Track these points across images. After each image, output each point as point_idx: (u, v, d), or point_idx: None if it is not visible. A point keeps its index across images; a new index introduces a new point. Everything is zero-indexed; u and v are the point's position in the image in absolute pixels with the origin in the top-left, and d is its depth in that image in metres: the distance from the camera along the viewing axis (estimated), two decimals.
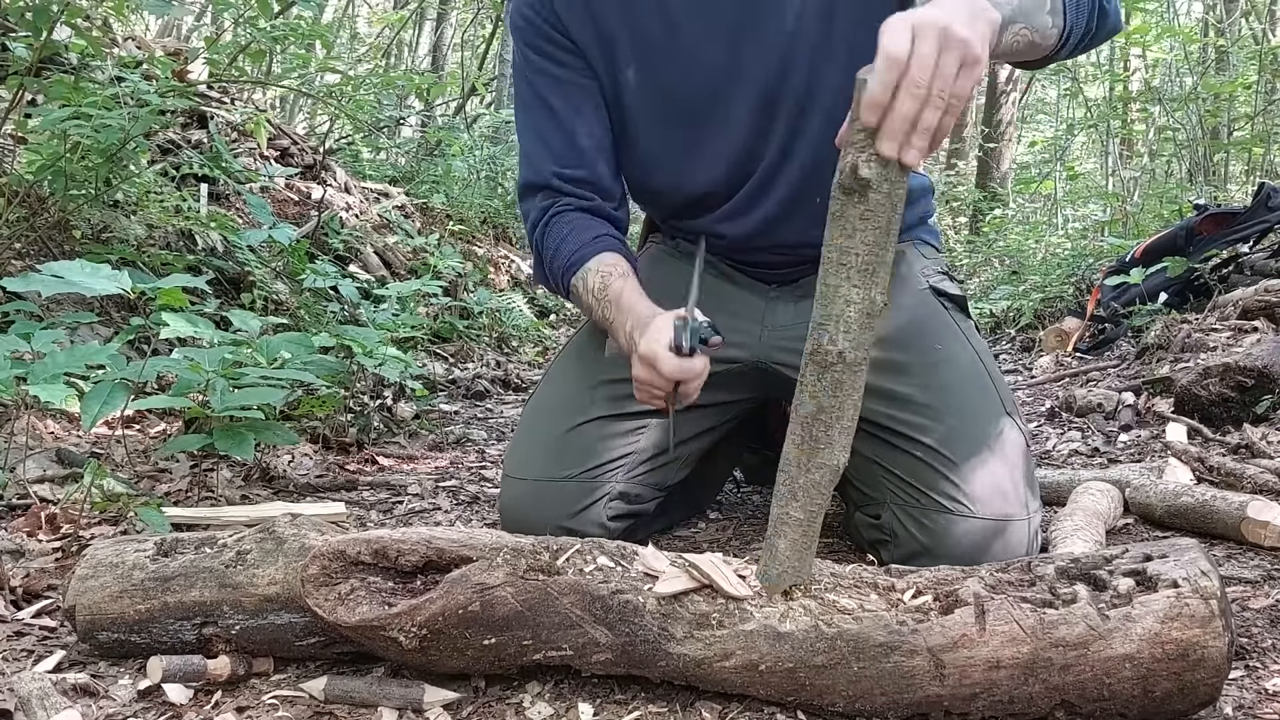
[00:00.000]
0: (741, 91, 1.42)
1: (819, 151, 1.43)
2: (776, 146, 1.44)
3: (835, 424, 0.96)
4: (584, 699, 1.04)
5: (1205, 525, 1.53)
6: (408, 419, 2.76)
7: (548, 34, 1.46)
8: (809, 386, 0.96)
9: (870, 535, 1.48)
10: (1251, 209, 3.67)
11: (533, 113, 1.50)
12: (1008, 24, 1.06)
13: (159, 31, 7.47)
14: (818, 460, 0.97)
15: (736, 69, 1.41)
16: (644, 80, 1.45)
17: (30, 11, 2.48)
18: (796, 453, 0.98)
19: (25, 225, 2.53)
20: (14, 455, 1.76)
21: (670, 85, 1.44)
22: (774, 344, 1.53)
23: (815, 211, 1.48)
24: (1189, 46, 7.65)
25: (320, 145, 5.06)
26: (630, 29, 1.43)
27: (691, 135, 1.46)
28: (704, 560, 1.02)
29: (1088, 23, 1.24)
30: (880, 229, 0.91)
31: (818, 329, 0.95)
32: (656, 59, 1.43)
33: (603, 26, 1.44)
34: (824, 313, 0.94)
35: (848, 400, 0.96)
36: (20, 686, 1.03)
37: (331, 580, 1.06)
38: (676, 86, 1.43)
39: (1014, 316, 5.33)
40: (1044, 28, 1.16)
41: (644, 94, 1.46)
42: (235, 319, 2.07)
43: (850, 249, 0.92)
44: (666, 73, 1.43)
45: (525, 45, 1.48)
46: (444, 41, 10.89)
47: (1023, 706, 0.94)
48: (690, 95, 1.43)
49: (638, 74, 1.45)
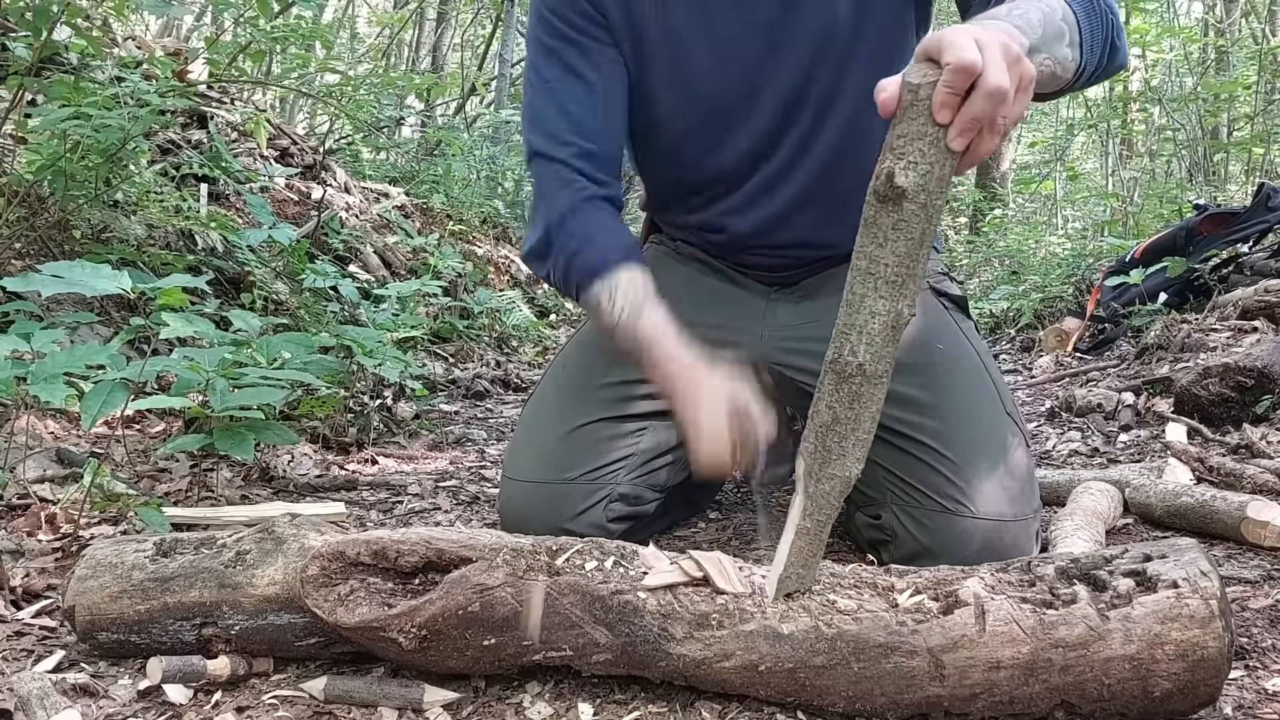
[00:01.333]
0: (770, 89, 1.42)
1: (831, 153, 1.44)
2: (792, 145, 1.44)
3: (850, 435, 0.94)
4: (584, 699, 1.04)
5: (1205, 525, 1.53)
6: (408, 419, 2.76)
7: (581, 6, 1.42)
8: (826, 396, 0.94)
9: (870, 535, 1.48)
10: (1251, 209, 3.67)
11: (554, 81, 1.44)
12: (1033, 52, 1.06)
13: (159, 31, 7.47)
14: (829, 471, 0.95)
15: (769, 66, 1.41)
16: (672, 69, 1.44)
17: (30, 11, 2.48)
18: (809, 461, 0.96)
19: (25, 225, 2.52)
20: (14, 455, 1.76)
21: (699, 77, 1.43)
22: (775, 345, 1.53)
23: (819, 214, 1.49)
24: (1189, 46, 7.65)
25: (320, 145, 5.06)
26: (663, 15, 1.42)
27: (711, 127, 1.46)
28: (706, 557, 1.02)
29: (1099, 58, 1.23)
30: (913, 240, 0.88)
31: (839, 338, 0.92)
32: (689, 49, 1.42)
33: (636, 9, 1.42)
34: (847, 322, 0.92)
35: (865, 412, 0.93)
36: (20, 686, 1.03)
37: (331, 581, 1.06)
38: (706, 78, 1.43)
39: (1014, 316, 5.33)
40: (1065, 60, 1.16)
41: (670, 82, 1.45)
42: (235, 319, 2.07)
43: (880, 258, 0.89)
44: (698, 64, 1.42)
45: (553, 14, 1.43)
46: (444, 41, 10.90)
47: (1023, 707, 0.94)
48: (719, 88, 1.43)
49: (667, 62, 1.44)
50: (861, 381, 0.92)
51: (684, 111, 1.46)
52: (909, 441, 1.40)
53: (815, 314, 1.52)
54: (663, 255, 1.65)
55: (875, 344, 0.91)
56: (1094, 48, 1.21)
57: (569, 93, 1.43)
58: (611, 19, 1.43)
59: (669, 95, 1.46)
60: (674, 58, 1.43)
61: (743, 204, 1.50)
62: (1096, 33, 1.20)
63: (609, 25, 1.43)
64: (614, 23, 1.43)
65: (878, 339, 0.91)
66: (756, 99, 1.43)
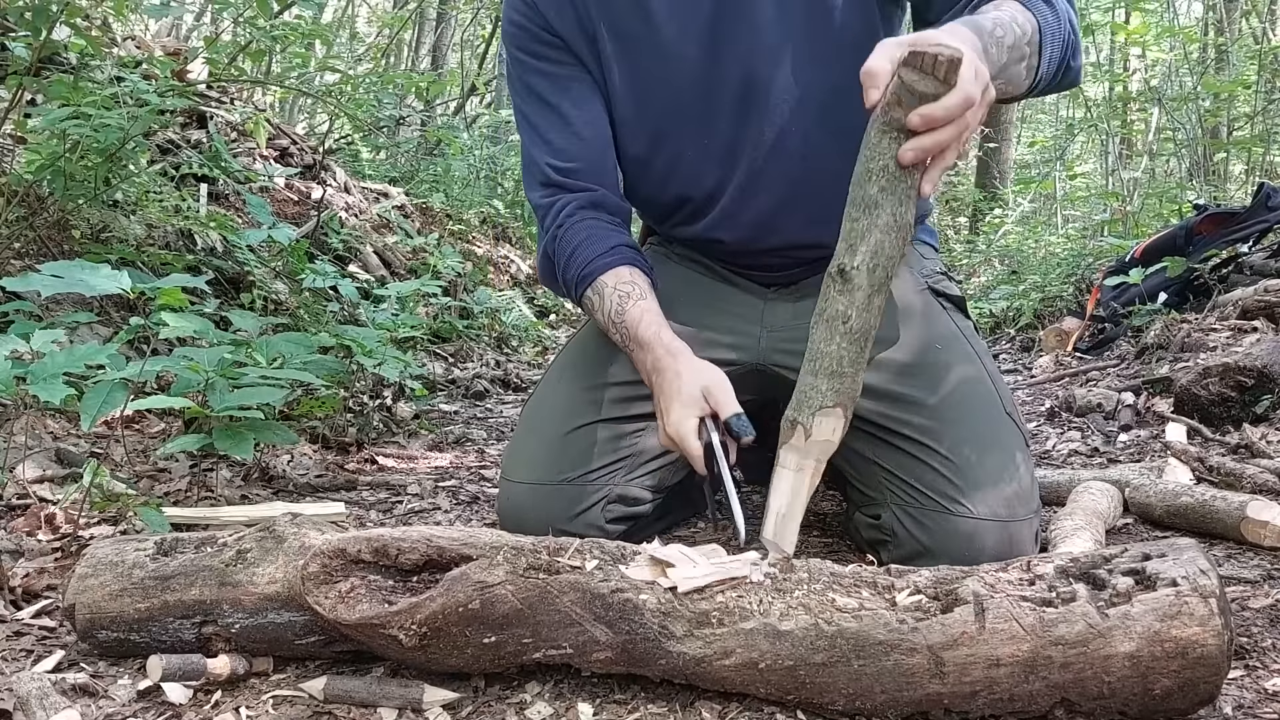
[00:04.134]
0: (721, 90, 1.43)
1: (811, 148, 1.43)
2: (764, 145, 1.44)
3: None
4: (584, 699, 1.04)
5: (1205, 525, 1.53)
6: (407, 419, 2.76)
7: (537, 35, 1.48)
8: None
9: (870, 535, 1.47)
10: (1251, 209, 3.67)
11: (530, 113, 1.52)
12: (993, 79, 1.12)
13: (159, 31, 7.47)
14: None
15: (714, 67, 1.42)
16: (627, 79, 1.47)
17: (30, 11, 2.48)
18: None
19: (25, 225, 2.52)
20: (14, 455, 1.76)
21: (651, 84, 1.45)
22: (773, 345, 1.53)
23: (805, 214, 1.49)
24: (1189, 46, 7.65)
25: (320, 145, 5.06)
26: (612, 27, 1.45)
27: (674, 134, 1.47)
28: (662, 550, 1.04)
29: (1053, 77, 1.30)
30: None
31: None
32: (638, 58, 1.45)
33: (586, 24, 1.46)
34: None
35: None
36: (20, 686, 1.03)
37: (332, 578, 1.06)
38: (657, 85, 1.45)
39: (1014, 316, 5.33)
40: (1017, 80, 1.24)
41: (628, 93, 1.47)
42: (235, 319, 2.07)
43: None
44: (647, 72, 1.45)
45: (518, 49, 1.51)
46: (444, 41, 10.89)
47: (1023, 704, 0.94)
48: (671, 94, 1.45)
49: (621, 73, 1.47)
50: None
51: (645, 116, 1.48)
52: (908, 442, 1.40)
53: (812, 314, 1.52)
54: (660, 258, 1.65)
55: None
56: (1050, 65, 1.28)
57: (546, 123, 1.50)
58: (566, 37, 1.47)
59: (629, 100, 1.48)
60: (625, 61, 1.46)
61: (729, 213, 1.51)
62: (1054, 54, 1.27)
63: (566, 44, 1.48)
64: (569, 39, 1.47)
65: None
66: (708, 103, 1.44)
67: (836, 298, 1.09)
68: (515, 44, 1.51)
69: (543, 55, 1.49)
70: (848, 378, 1.08)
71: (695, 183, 1.50)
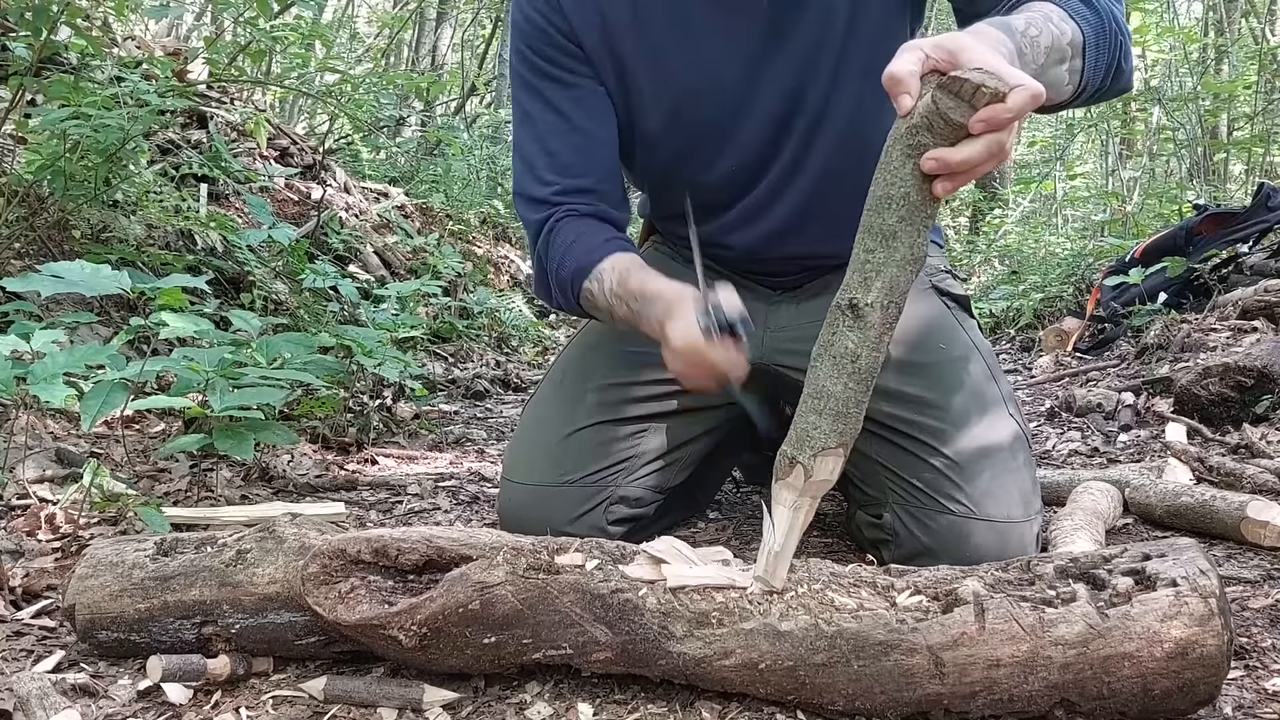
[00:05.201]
0: (757, 108, 1.41)
1: (830, 164, 1.42)
2: (787, 159, 1.43)
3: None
4: (584, 699, 1.04)
5: (1205, 525, 1.53)
6: (407, 419, 2.76)
7: (555, 39, 1.40)
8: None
9: (872, 535, 1.47)
10: (1251, 209, 3.68)
11: (537, 119, 1.44)
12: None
13: (159, 31, 7.47)
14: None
15: (754, 87, 1.39)
16: (656, 93, 1.42)
17: (30, 11, 2.48)
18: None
19: (25, 225, 2.52)
20: (14, 455, 1.76)
21: (684, 99, 1.41)
22: (777, 346, 1.53)
23: (819, 228, 1.48)
24: (1189, 46, 7.65)
25: (320, 145, 5.06)
26: (644, 41, 1.40)
27: (701, 147, 1.45)
28: (656, 547, 1.03)
29: (1102, 81, 1.21)
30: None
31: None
32: (671, 72, 1.40)
33: (614, 35, 1.40)
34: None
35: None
36: (20, 686, 1.03)
37: (332, 579, 1.06)
38: (691, 101, 1.41)
39: (1014, 316, 5.34)
40: (1057, 83, 1.14)
41: (654, 104, 1.43)
42: (235, 319, 2.07)
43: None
44: (681, 87, 1.41)
45: (529, 48, 1.42)
46: (444, 41, 10.90)
47: (1022, 704, 0.94)
48: (705, 110, 1.42)
49: (650, 87, 1.42)
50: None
51: (671, 132, 1.45)
52: (911, 441, 1.39)
53: (816, 313, 1.51)
54: (663, 257, 1.64)
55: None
56: (1097, 72, 1.19)
57: (550, 129, 1.43)
58: (587, 47, 1.41)
59: (654, 116, 1.44)
60: (656, 79, 1.42)
61: (744, 220, 1.49)
62: (1102, 57, 1.19)
63: (585, 55, 1.41)
64: (590, 50, 1.41)
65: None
66: (742, 120, 1.41)
67: (846, 333, 1.00)
68: (526, 41, 1.42)
69: (556, 60, 1.42)
70: (852, 418, 1.02)
71: (711, 196, 1.47)
